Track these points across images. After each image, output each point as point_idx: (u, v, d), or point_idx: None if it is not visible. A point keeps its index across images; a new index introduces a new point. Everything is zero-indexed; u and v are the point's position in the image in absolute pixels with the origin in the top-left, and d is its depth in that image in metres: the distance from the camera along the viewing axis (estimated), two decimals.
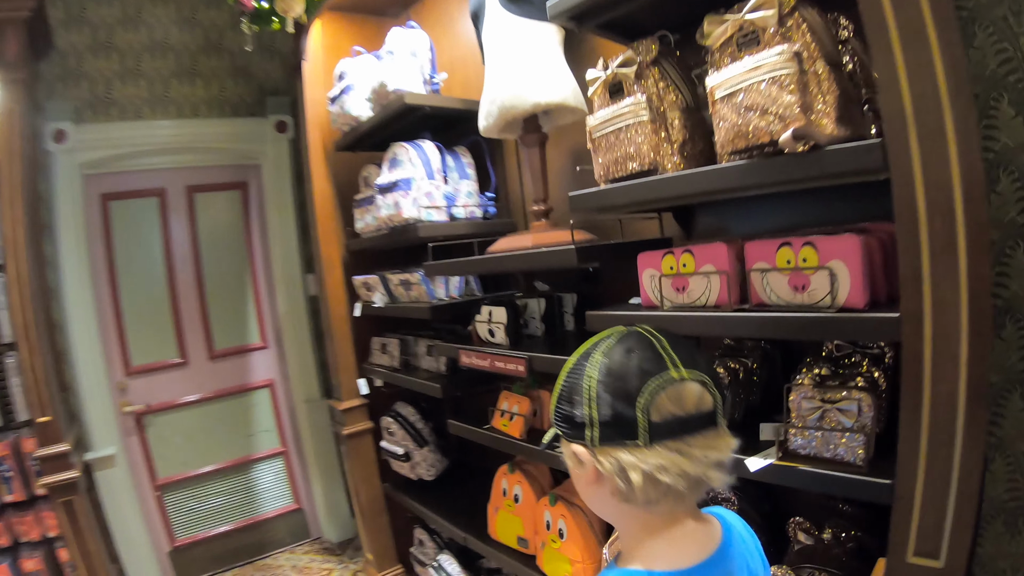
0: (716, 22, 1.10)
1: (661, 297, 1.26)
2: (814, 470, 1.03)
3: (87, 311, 2.80)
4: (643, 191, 1.21)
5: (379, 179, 2.12)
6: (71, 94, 2.77)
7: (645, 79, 1.24)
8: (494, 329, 1.74)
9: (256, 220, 3.34)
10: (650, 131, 1.21)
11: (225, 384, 3.22)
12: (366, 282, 2.43)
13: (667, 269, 1.25)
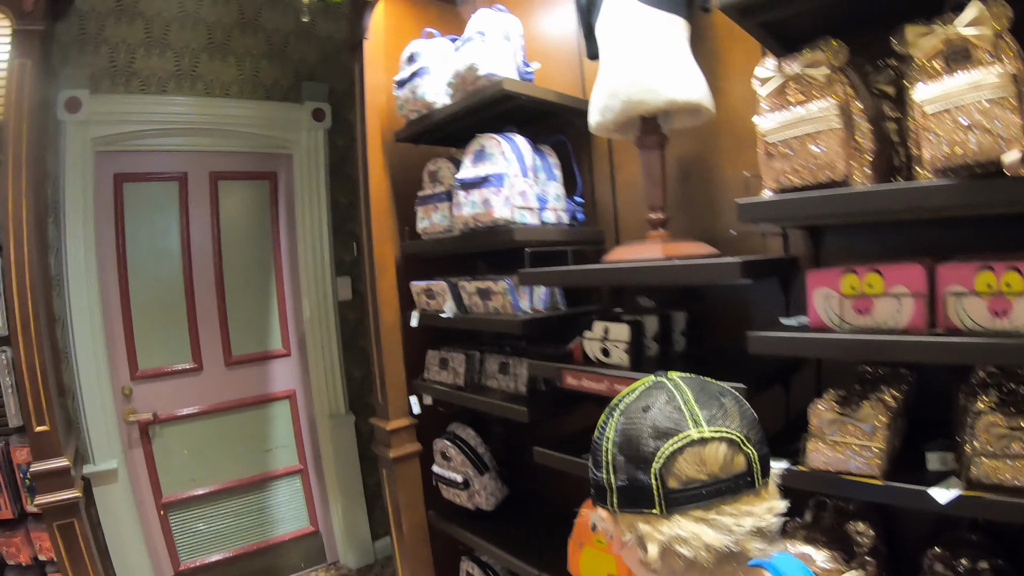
0: (921, 32, 1.16)
1: (838, 318, 1.29)
2: (1005, 500, 1.07)
3: (92, 305, 2.78)
4: (837, 204, 1.24)
5: (461, 173, 2.14)
6: (89, 61, 2.77)
7: (834, 84, 1.27)
8: (610, 348, 1.76)
9: (284, 215, 3.37)
10: (842, 140, 1.25)
11: (241, 394, 3.22)
12: (428, 289, 2.43)
13: (848, 289, 1.29)
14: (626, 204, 2.30)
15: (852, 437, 1.25)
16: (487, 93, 2.06)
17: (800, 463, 1.34)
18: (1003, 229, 1.35)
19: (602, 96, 1.81)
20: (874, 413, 1.24)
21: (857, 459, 1.25)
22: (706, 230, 1.99)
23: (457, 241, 2.28)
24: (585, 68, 2.40)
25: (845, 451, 1.26)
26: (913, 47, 1.17)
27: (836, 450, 1.28)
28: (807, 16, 1.42)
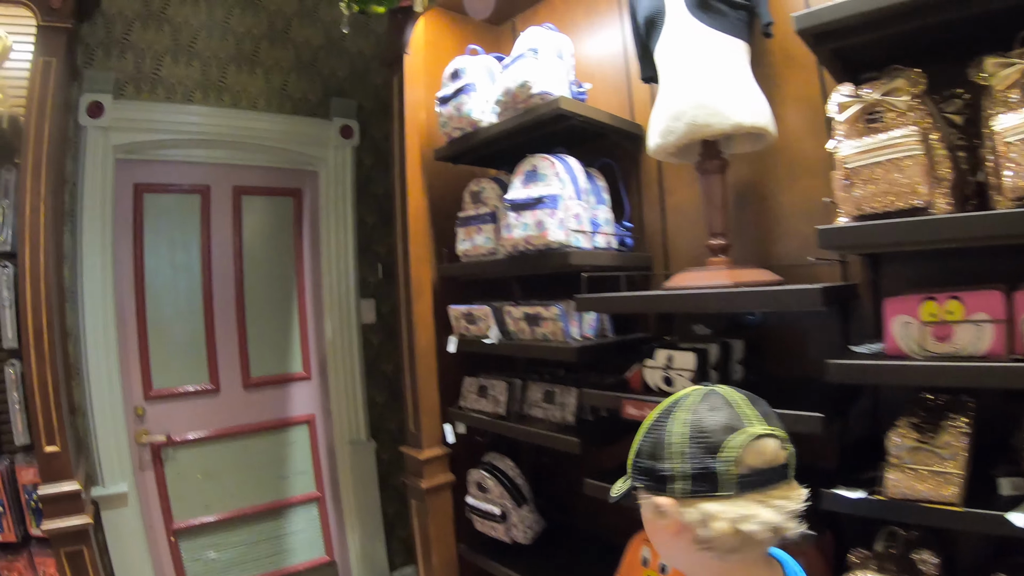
0: (1000, 64, 1.27)
1: (917, 346, 1.37)
2: None
3: (107, 319, 2.80)
4: (925, 231, 1.31)
5: (511, 194, 2.22)
6: (114, 65, 2.85)
7: (914, 111, 1.36)
8: (673, 377, 1.82)
9: (308, 233, 3.45)
10: (924, 166, 1.33)
11: (259, 417, 3.26)
12: (469, 313, 2.49)
13: (927, 316, 1.37)
14: (676, 230, 2.39)
15: (931, 464, 1.33)
16: (541, 111, 2.15)
17: (877, 492, 1.41)
18: None
19: (664, 118, 1.90)
20: (953, 439, 1.32)
21: (936, 486, 1.32)
22: (761, 257, 2.08)
23: (504, 264, 2.35)
24: (633, 90, 2.51)
25: (924, 478, 1.33)
26: (992, 78, 1.28)
27: (915, 477, 1.34)
28: (878, 45, 1.53)
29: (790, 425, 1.48)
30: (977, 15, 1.34)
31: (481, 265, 2.48)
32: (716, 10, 1.81)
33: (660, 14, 1.92)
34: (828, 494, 1.48)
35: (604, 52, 2.60)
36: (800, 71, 2.05)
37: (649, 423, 0.94)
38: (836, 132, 1.53)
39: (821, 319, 1.98)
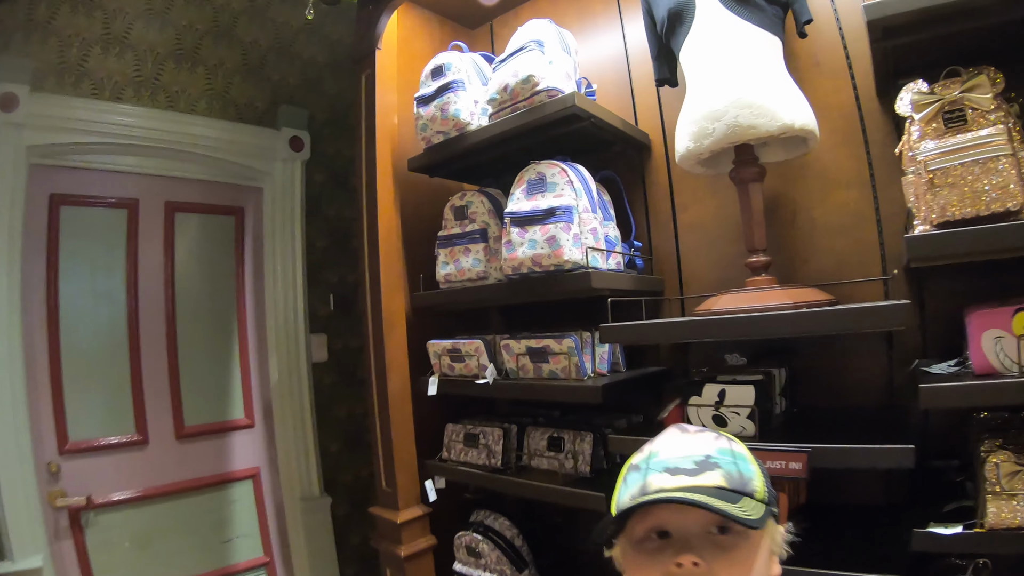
0: None
1: (1013, 361, 1.30)
2: None
3: (12, 357, 2.49)
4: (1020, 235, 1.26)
5: (513, 206, 2.05)
6: (34, 52, 2.56)
7: (998, 110, 1.32)
8: (727, 416, 1.69)
9: (250, 258, 3.19)
10: (1014, 167, 1.29)
11: (196, 472, 2.96)
12: (455, 349, 2.31)
13: (1021, 328, 1.31)
14: (692, 250, 2.28)
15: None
16: (551, 111, 1.97)
17: (979, 524, 1.32)
18: None
19: (696, 120, 1.78)
20: None
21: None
22: (791, 277, 1.99)
23: (504, 290, 2.15)
24: (636, 96, 2.44)
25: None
26: None
27: (1017, 503, 1.29)
28: (929, 48, 1.52)
29: (876, 461, 1.42)
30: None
31: (471, 292, 2.26)
32: (753, 3, 1.72)
33: (688, 7, 1.80)
34: (921, 534, 1.36)
35: (603, 56, 2.50)
36: (829, 77, 2.01)
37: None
38: (909, 132, 1.48)
39: (862, 340, 1.92)
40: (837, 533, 1.74)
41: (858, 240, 1.95)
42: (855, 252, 1.95)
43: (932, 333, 1.80)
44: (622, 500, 0.92)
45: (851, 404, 1.92)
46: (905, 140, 1.50)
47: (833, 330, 1.59)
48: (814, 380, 2.00)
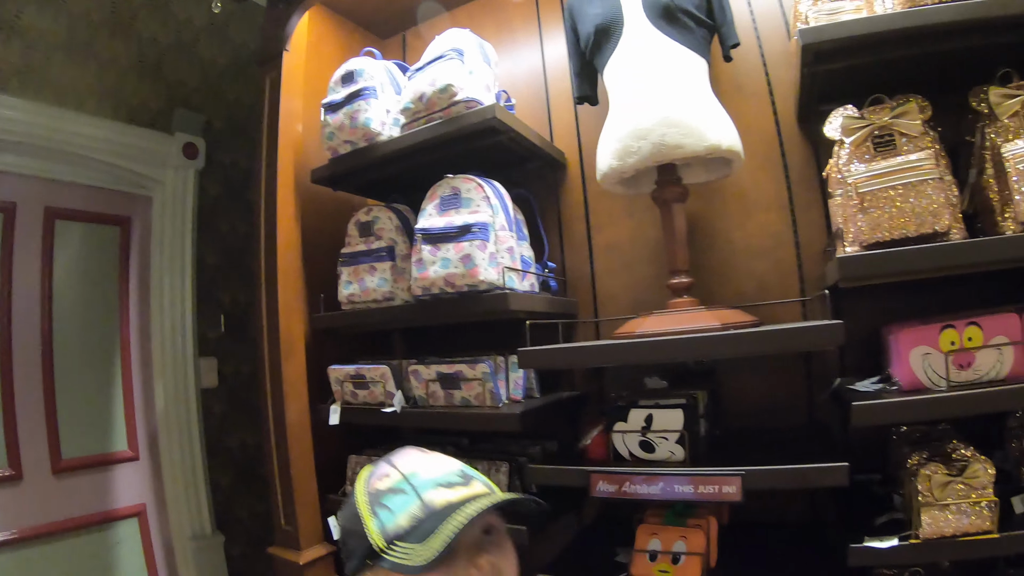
0: (1005, 95, 1.35)
1: (943, 377, 1.34)
2: None
3: None
4: (947, 256, 1.31)
5: (425, 222, 1.95)
6: None
7: (925, 136, 1.35)
8: (655, 441, 1.61)
9: (136, 273, 2.93)
10: (940, 190, 1.33)
11: (76, 511, 2.65)
12: (359, 375, 2.16)
13: (947, 344, 1.35)
14: (607, 272, 2.26)
15: (968, 496, 1.31)
16: (470, 122, 1.90)
17: (914, 536, 1.35)
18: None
19: (621, 138, 1.74)
20: (983, 468, 1.32)
21: (973, 518, 1.31)
22: (713, 298, 1.97)
23: (414, 311, 2.04)
24: (553, 115, 2.39)
25: (960, 512, 1.32)
26: (996, 106, 1.35)
27: (950, 512, 1.32)
28: (853, 76, 1.58)
29: (812, 480, 1.40)
30: (955, 49, 1.46)
31: (376, 313, 2.13)
32: (682, 24, 1.72)
33: (616, 24, 1.78)
34: (857, 549, 1.36)
35: (520, 72, 2.47)
36: (750, 100, 2.03)
37: None
38: (838, 155, 1.47)
39: (780, 360, 1.94)
40: (769, 553, 1.74)
41: (777, 261, 1.98)
42: (775, 273, 1.98)
43: (850, 352, 1.85)
44: (393, 526, 0.94)
45: (772, 424, 1.93)
46: (833, 163, 1.53)
47: (766, 351, 1.57)
48: (735, 402, 2.01)
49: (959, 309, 1.42)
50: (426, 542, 0.90)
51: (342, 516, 1.03)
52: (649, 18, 1.74)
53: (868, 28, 1.44)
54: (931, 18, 1.39)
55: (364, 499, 0.99)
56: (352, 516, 0.99)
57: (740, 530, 1.88)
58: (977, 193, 1.45)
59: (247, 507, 3.16)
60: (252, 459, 3.20)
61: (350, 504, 1.01)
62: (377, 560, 0.94)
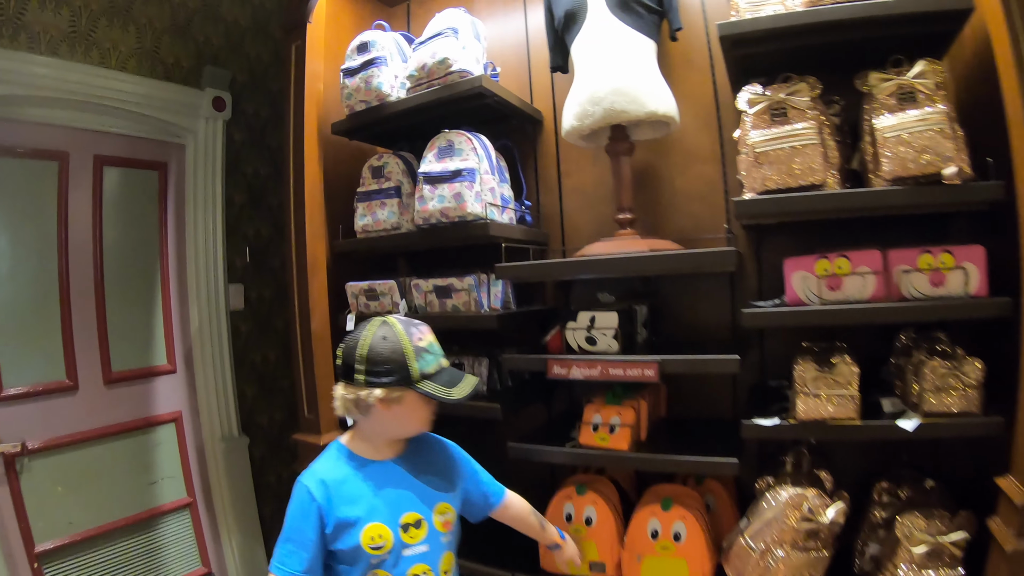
0: (882, 78, 1.78)
1: (815, 295, 1.83)
2: (953, 421, 1.69)
3: None
4: (826, 201, 1.78)
5: (426, 167, 2.45)
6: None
7: (812, 109, 1.82)
8: (596, 336, 2.15)
9: (173, 212, 3.41)
10: (821, 152, 1.80)
11: (123, 417, 3.13)
12: (371, 289, 2.67)
13: (821, 271, 1.83)
14: (574, 209, 2.78)
15: (832, 389, 1.77)
16: (462, 88, 2.39)
17: (790, 417, 1.84)
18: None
19: (580, 103, 2.24)
20: (846, 368, 1.77)
21: (839, 406, 1.77)
22: (656, 232, 2.48)
23: (416, 236, 2.57)
24: (533, 78, 2.85)
25: (828, 401, 1.78)
26: (874, 87, 1.78)
27: (820, 401, 1.79)
28: (772, 57, 2.00)
29: (709, 368, 1.95)
30: (850, 41, 1.88)
31: (388, 239, 2.65)
32: (634, 11, 2.19)
33: (582, 10, 2.26)
34: (748, 424, 1.88)
35: (506, 39, 2.91)
36: (696, 72, 2.50)
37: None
38: (745, 122, 1.94)
39: (709, 285, 2.45)
40: (692, 433, 2.29)
41: (711, 205, 2.47)
42: (708, 215, 2.48)
43: (767, 280, 2.35)
44: (428, 370, 1.61)
45: (703, 336, 2.46)
46: (741, 128, 1.96)
47: (676, 269, 2.17)
48: (672, 316, 2.54)
49: (843, 247, 1.83)
50: (456, 387, 1.62)
51: (382, 347, 1.57)
52: (608, 6, 2.22)
53: (773, 24, 1.85)
54: (826, 16, 1.78)
55: (410, 348, 1.59)
56: (396, 352, 1.57)
57: (675, 422, 2.46)
58: (861, 155, 1.90)
59: (267, 414, 3.72)
60: (272, 372, 3.76)
61: (392, 343, 1.58)
62: (412, 385, 1.57)
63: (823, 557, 1.78)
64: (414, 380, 1.56)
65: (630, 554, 2.11)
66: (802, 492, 1.77)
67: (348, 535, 1.55)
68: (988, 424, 1.66)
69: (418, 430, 1.71)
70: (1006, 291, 1.65)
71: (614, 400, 2.21)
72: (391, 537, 1.57)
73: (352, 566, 1.57)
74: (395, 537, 1.58)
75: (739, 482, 2.34)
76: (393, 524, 1.59)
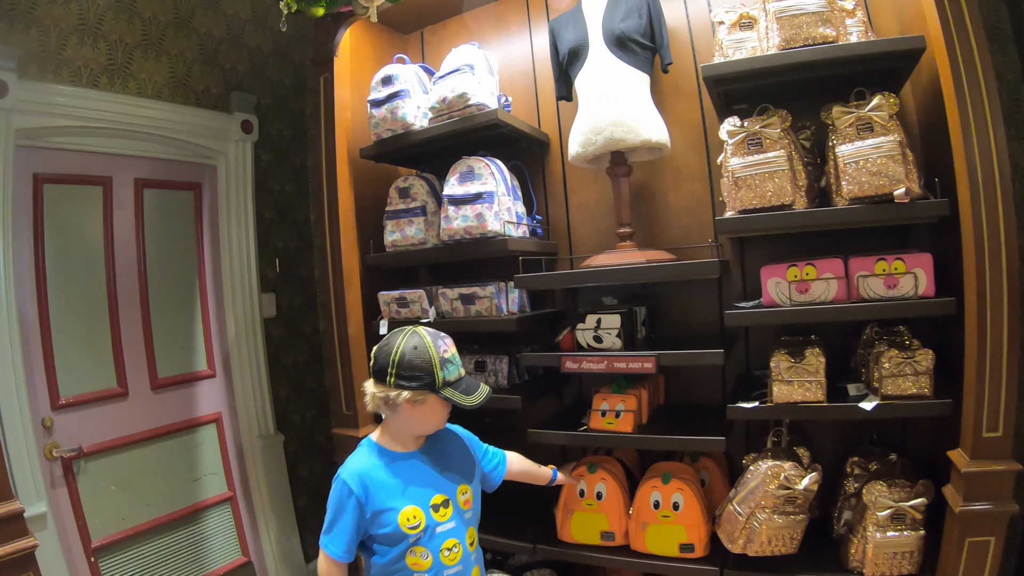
0: (844, 111, 2.11)
1: (786, 298, 2.18)
2: (907, 402, 2.05)
3: (9, 326, 2.77)
4: (792, 219, 2.13)
5: (449, 190, 2.80)
6: (18, 41, 2.82)
7: (783, 139, 2.16)
8: (602, 335, 2.52)
9: (208, 228, 3.73)
10: (790, 177, 2.14)
11: (169, 419, 3.45)
12: (401, 297, 3.02)
13: (792, 277, 2.19)
14: (579, 222, 3.13)
15: (802, 377, 2.14)
16: (479, 120, 2.72)
17: (768, 401, 2.21)
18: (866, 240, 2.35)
19: (584, 132, 2.59)
20: (813, 359, 2.14)
21: (808, 391, 2.14)
22: (652, 243, 2.84)
23: (442, 251, 2.91)
24: (540, 103, 3.20)
25: (799, 386, 2.14)
26: (836, 119, 2.11)
27: (793, 387, 2.15)
28: (751, 91, 2.37)
29: (698, 360, 2.32)
30: (820, 76, 2.22)
31: (415, 253, 2.99)
32: (630, 49, 2.53)
33: (583, 48, 2.61)
34: (732, 407, 2.25)
35: (514, 67, 3.25)
36: (685, 99, 2.84)
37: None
38: (726, 150, 2.27)
39: (700, 289, 2.81)
40: (686, 417, 2.65)
41: (699, 218, 2.83)
42: (697, 227, 2.83)
43: (750, 283, 2.70)
44: (450, 378, 1.90)
45: (695, 333, 2.82)
46: (723, 155, 2.30)
47: (669, 277, 2.56)
48: (668, 316, 2.91)
49: (815, 255, 2.18)
50: (472, 395, 1.92)
51: (413, 355, 1.85)
52: (607, 44, 2.57)
53: (749, 65, 2.18)
54: (796, 57, 2.10)
55: (437, 358, 1.87)
56: (425, 360, 1.85)
57: (672, 407, 2.83)
58: (827, 177, 2.19)
59: (300, 413, 4.07)
60: (303, 374, 4.11)
61: (422, 352, 1.86)
62: (436, 390, 1.86)
63: (801, 519, 2.16)
64: (438, 386, 1.85)
65: (636, 523, 2.47)
66: (780, 464, 2.13)
67: (387, 520, 1.83)
68: (938, 405, 2.02)
69: (435, 428, 2.00)
70: (955, 291, 1.96)
71: (619, 390, 2.58)
72: (424, 517, 1.86)
73: (393, 547, 1.84)
74: (428, 517, 1.87)
75: (730, 460, 2.74)
76: (425, 506, 1.88)
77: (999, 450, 1.88)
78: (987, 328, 1.86)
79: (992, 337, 1.86)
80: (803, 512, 2.16)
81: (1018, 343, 1.86)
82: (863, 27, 2.27)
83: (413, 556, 1.85)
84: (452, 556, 1.90)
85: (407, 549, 1.84)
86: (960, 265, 1.94)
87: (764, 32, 2.26)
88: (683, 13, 2.83)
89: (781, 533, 2.16)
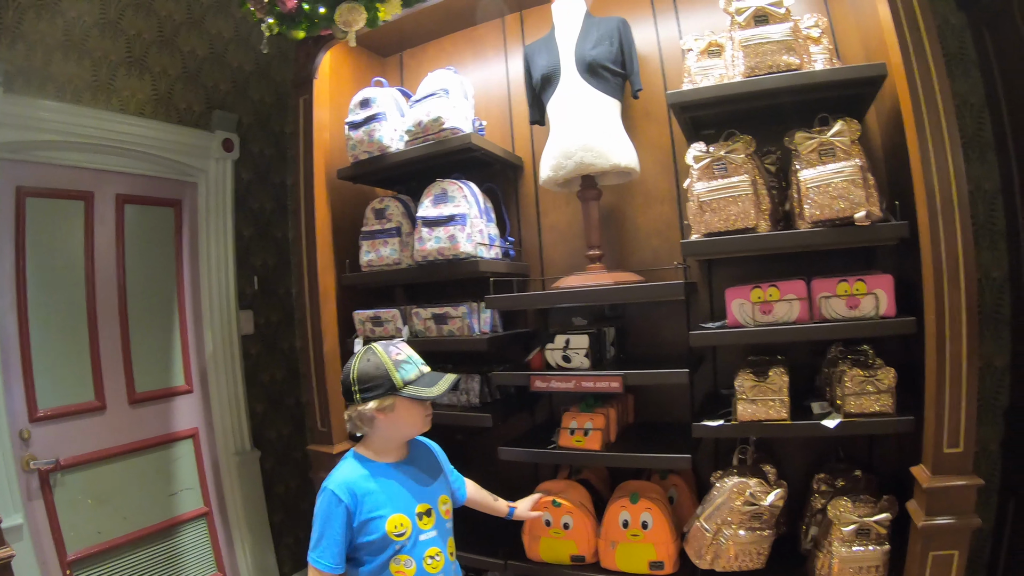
0: (806, 137, 2.11)
1: (750, 318, 2.16)
2: (869, 419, 2.03)
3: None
4: (756, 242, 2.12)
5: (423, 212, 2.76)
6: (3, 55, 2.80)
7: (746, 164, 2.16)
8: (571, 355, 2.49)
9: (188, 244, 3.67)
10: (754, 201, 2.13)
11: (146, 433, 3.38)
12: (376, 316, 2.97)
13: (755, 298, 2.17)
14: (551, 244, 3.10)
15: (766, 395, 2.11)
16: (453, 144, 2.71)
17: (733, 419, 2.18)
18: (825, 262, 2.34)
19: (555, 156, 2.57)
20: (777, 378, 2.11)
21: (772, 409, 2.11)
22: (621, 265, 2.83)
23: (416, 272, 2.87)
24: (514, 127, 3.19)
25: (763, 405, 2.12)
26: (799, 145, 2.11)
27: (757, 405, 2.13)
28: (718, 117, 2.39)
29: (663, 380, 2.29)
30: (786, 102, 2.22)
31: (390, 273, 2.95)
32: (601, 76, 2.52)
33: (556, 74, 2.60)
34: (697, 426, 2.21)
35: (491, 90, 3.24)
36: (655, 124, 2.83)
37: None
38: (692, 175, 2.27)
39: (668, 309, 2.77)
40: (655, 435, 2.61)
41: (668, 240, 2.81)
42: (666, 249, 2.81)
43: (717, 303, 2.69)
44: (409, 377, 1.87)
45: (664, 352, 2.79)
46: (689, 180, 2.29)
47: (636, 299, 2.51)
48: (637, 336, 2.88)
49: (776, 278, 2.14)
50: (435, 387, 1.87)
51: (367, 367, 1.86)
52: (578, 71, 2.55)
53: (715, 92, 2.20)
54: (760, 85, 2.10)
55: (390, 362, 1.86)
56: (379, 368, 1.85)
57: (642, 426, 2.79)
58: (791, 201, 2.18)
59: (276, 429, 3.99)
60: (280, 391, 4.04)
61: (375, 362, 1.86)
62: (397, 392, 1.84)
63: (767, 535, 2.13)
64: (398, 387, 1.85)
65: (605, 542, 2.42)
66: (745, 481, 2.10)
67: (374, 528, 1.80)
68: (900, 422, 2.00)
69: (417, 431, 1.97)
70: (917, 311, 1.95)
71: (587, 408, 2.55)
72: (410, 525, 1.85)
73: (378, 555, 1.81)
74: (413, 524, 1.86)
75: (699, 477, 2.69)
76: (411, 514, 1.88)
77: (960, 465, 1.87)
78: (946, 346, 1.85)
79: (951, 355, 1.85)
80: (769, 528, 2.14)
81: (977, 361, 1.85)
82: (828, 54, 2.27)
83: (397, 564, 1.83)
84: (435, 564, 1.89)
85: (391, 557, 1.83)
86: (921, 285, 1.93)
87: (730, 60, 2.26)
88: (655, 40, 2.84)
89: (748, 548, 2.13)
